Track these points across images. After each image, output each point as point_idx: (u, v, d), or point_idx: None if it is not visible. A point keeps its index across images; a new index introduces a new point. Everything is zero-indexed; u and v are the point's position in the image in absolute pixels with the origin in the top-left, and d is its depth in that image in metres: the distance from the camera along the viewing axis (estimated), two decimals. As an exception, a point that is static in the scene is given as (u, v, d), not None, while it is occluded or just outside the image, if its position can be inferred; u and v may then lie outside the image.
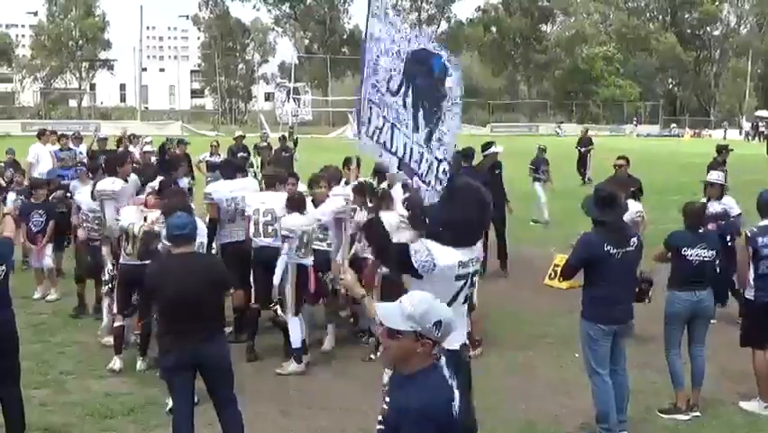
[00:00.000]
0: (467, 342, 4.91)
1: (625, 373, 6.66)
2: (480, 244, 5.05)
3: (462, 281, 4.72)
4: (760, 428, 7.00)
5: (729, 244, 9.24)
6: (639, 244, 6.53)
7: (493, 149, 13.02)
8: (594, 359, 6.47)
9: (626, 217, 7.22)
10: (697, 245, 7.05)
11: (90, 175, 10.92)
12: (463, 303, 4.84)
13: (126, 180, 9.24)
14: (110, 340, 8.54)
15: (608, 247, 6.31)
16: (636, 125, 73.72)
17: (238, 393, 6.05)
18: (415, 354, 3.35)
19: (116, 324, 8.33)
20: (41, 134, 17.47)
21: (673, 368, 7.18)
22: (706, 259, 7.05)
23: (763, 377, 7.27)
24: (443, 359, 3.48)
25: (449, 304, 4.67)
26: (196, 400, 6.08)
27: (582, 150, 26.66)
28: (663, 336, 7.27)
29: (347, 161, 10.74)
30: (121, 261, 8.24)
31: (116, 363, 8.18)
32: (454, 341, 4.73)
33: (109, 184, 9.15)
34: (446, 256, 4.62)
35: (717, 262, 7.27)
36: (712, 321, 9.00)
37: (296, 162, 17.25)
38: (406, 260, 4.62)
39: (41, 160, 16.41)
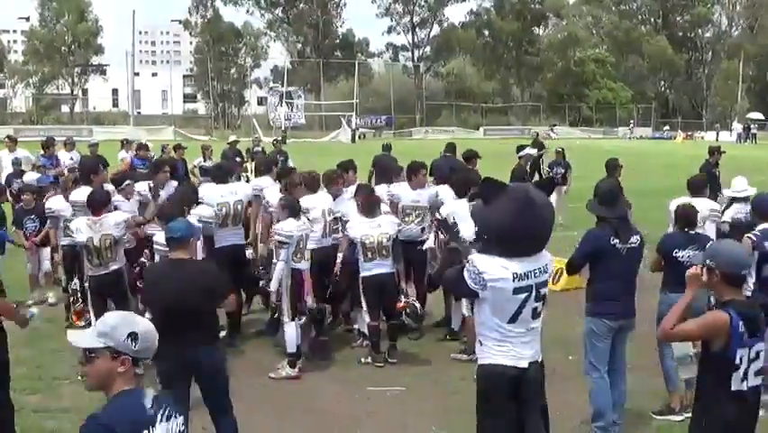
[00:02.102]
0: (540, 359, 4.82)
1: (624, 374, 6.69)
2: (548, 255, 4.85)
3: (523, 294, 4.59)
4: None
5: None
6: (641, 242, 6.60)
7: (528, 150, 13.31)
8: (594, 355, 6.50)
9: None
10: (688, 246, 7.06)
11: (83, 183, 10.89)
12: (533, 318, 4.69)
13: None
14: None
15: (614, 241, 6.40)
16: (632, 129, 73.17)
17: (232, 398, 6.05)
18: (116, 377, 3.24)
19: None
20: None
21: (666, 369, 7.19)
22: None
23: None
24: (149, 394, 3.28)
25: (512, 320, 4.60)
26: (190, 404, 6.07)
27: (535, 154, 25.12)
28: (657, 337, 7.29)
29: (345, 165, 10.62)
30: (89, 273, 8.21)
31: None
32: (523, 359, 4.69)
33: (81, 195, 9.06)
34: (495, 269, 4.55)
35: None
36: None
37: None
38: (463, 283, 4.60)
39: (4, 166, 16.40)
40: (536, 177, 23.93)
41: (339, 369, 8.55)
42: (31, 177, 14.24)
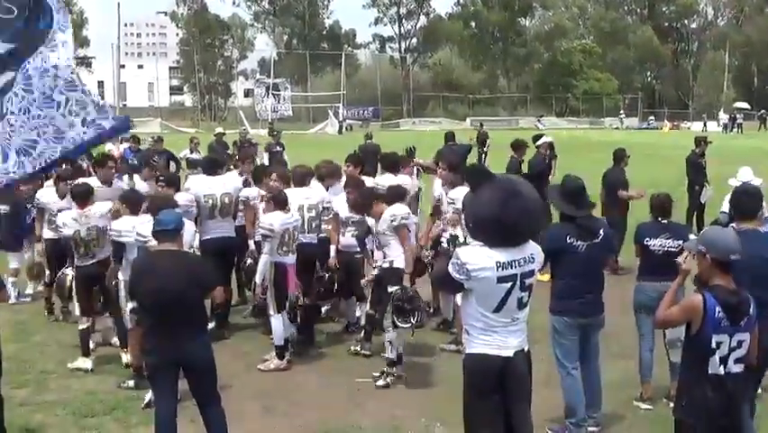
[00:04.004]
0: (526, 349, 4.81)
1: (597, 368, 6.65)
2: (534, 245, 4.78)
3: (508, 284, 4.57)
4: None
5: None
6: (605, 237, 6.49)
7: (545, 139, 13.72)
8: (560, 352, 6.48)
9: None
10: (660, 236, 7.05)
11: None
12: (518, 308, 4.67)
13: (110, 183, 9.14)
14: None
15: (571, 240, 6.31)
16: (622, 120, 73.05)
17: (221, 390, 6.04)
18: None
19: (81, 327, 8.23)
20: None
21: (641, 359, 7.23)
22: (671, 249, 6.90)
23: None
24: None
25: (497, 310, 4.60)
26: (178, 396, 6.06)
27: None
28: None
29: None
30: (76, 264, 8.19)
31: (86, 363, 8.12)
32: (508, 348, 4.67)
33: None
34: (478, 259, 4.54)
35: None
36: None
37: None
38: (449, 276, 4.60)
39: None
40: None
41: (327, 360, 8.54)
42: None
